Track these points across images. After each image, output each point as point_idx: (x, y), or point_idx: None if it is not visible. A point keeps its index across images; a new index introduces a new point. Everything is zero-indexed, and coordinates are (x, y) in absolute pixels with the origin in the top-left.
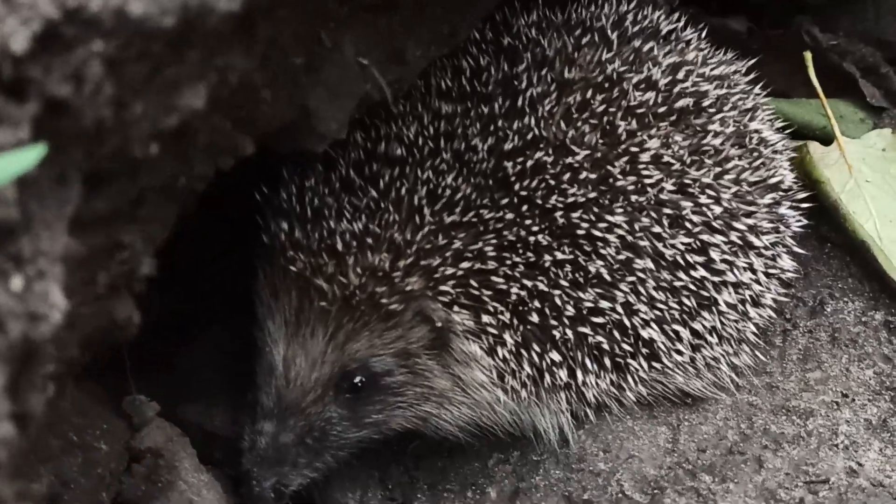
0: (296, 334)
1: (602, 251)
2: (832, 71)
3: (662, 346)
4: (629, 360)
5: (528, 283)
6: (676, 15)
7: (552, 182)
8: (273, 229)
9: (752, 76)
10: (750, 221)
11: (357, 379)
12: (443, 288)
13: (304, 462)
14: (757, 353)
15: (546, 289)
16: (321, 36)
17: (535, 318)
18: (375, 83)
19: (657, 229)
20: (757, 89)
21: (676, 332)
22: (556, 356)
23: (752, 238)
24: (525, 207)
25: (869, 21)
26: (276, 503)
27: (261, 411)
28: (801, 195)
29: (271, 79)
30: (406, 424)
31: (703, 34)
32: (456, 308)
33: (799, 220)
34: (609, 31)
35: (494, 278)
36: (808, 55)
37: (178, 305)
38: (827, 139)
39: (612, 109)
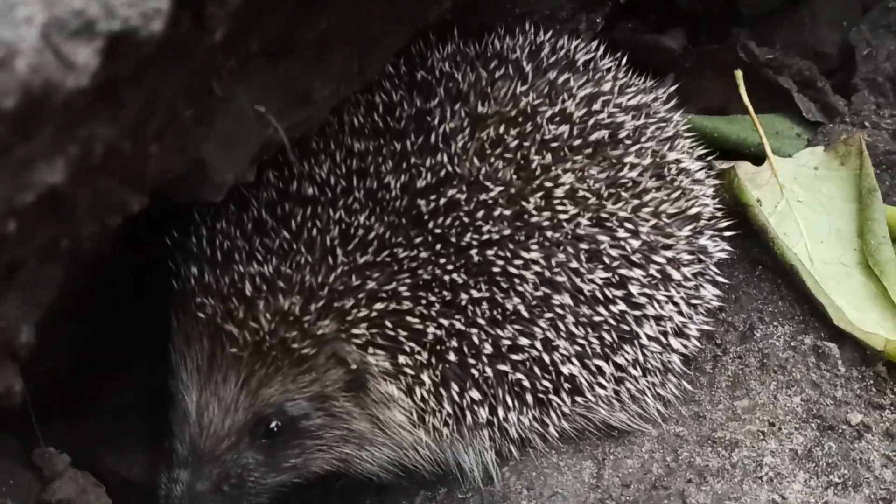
0: (208, 381)
1: (519, 288)
2: (768, 86)
3: (585, 381)
4: (551, 396)
5: (445, 322)
6: (595, 44)
7: (466, 219)
8: (184, 274)
9: (672, 103)
10: (669, 254)
11: (273, 424)
12: (356, 331)
13: None
14: (684, 382)
15: (463, 327)
16: (212, 87)
17: (452, 356)
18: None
19: (574, 264)
20: (678, 116)
21: (598, 367)
22: (476, 394)
23: (671, 270)
24: (440, 245)
25: (806, 33)
26: None
27: (176, 459)
28: (724, 223)
29: (156, 134)
30: (326, 467)
31: (625, 60)
32: (371, 349)
33: (722, 249)
34: (524, 63)
35: (410, 318)
36: (739, 74)
37: (98, 341)
38: (761, 157)
39: (526, 144)
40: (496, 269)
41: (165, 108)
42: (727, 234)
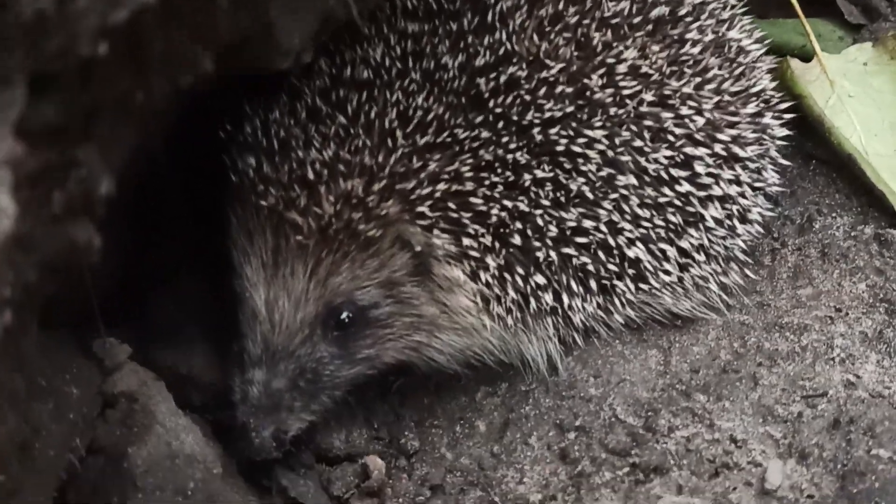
0: (275, 275)
1: (583, 168)
2: None
3: (649, 266)
4: (616, 282)
5: (509, 204)
6: None
7: (527, 98)
8: (240, 166)
9: None
10: (733, 132)
11: (344, 315)
12: (420, 210)
13: (299, 406)
14: (746, 271)
15: (527, 209)
16: None
17: (517, 240)
18: None
19: (638, 143)
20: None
21: (663, 251)
22: (540, 279)
23: (736, 149)
24: (501, 125)
25: None
26: (278, 451)
27: (248, 360)
28: (784, 105)
29: None
30: (399, 356)
31: None
32: (436, 232)
33: (783, 130)
34: None
35: (473, 200)
36: None
37: (150, 247)
38: (805, 58)
39: (585, 21)
40: (559, 149)
41: None
42: (787, 116)
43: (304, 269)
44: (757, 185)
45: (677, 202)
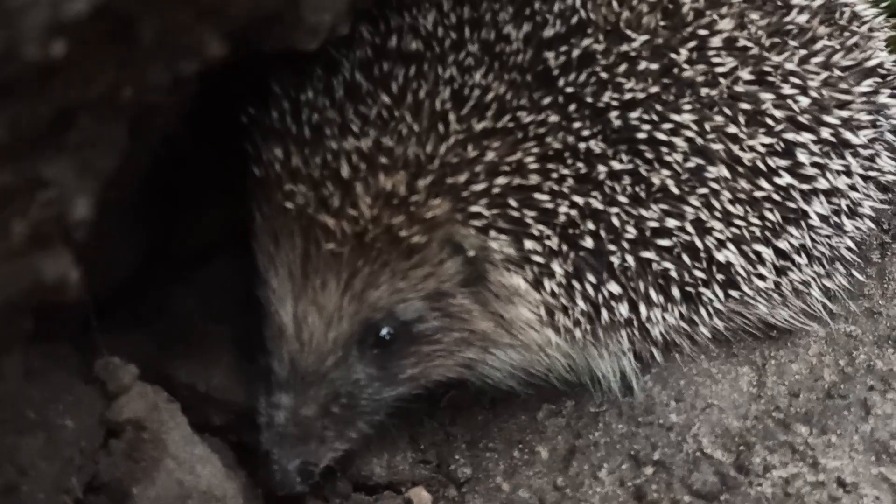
0: (304, 287)
1: (667, 158)
2: None
3: (741, 271)
4: (702, 289)
5: (580, 200)
6: None
7: (604, 75)
8: (265, 158)
9: None
10: (844, 114)
11: (384, 331)
12: (474, 210)
13: (332, 435)
14: (853, 272)
15: (601, 206)
16: None
17: (588, 242)
18: None
19: (732, 129)
20: None
21: (758, 254)
22: (614, 287)
23: (847, 134)
24: (572, 108)
25: None
26: (304, 485)
27: (275, 381)
28: None
29: None
30: (449, 374)
31: None
32: (492, 233)
33: None
34: None
35: (538, 196)
36: None
37: (170, 239)
38: None
39: None
40: (640, 136)
41: None
42: None
43: (338, 280)
44: (870, 174)
45: (776, 197)
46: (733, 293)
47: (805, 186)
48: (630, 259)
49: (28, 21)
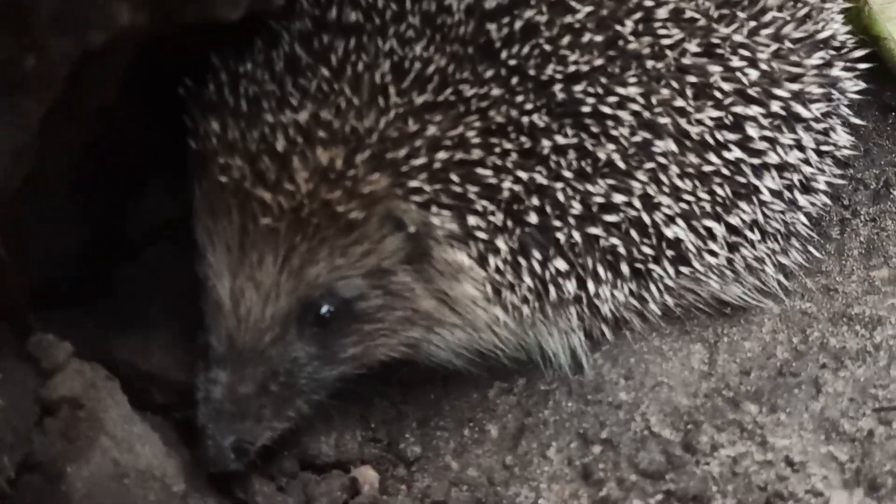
0: (241, 263)
1: (613, 132)
2: None
3: (692, 247)
4: (651, 266)
5: (524, 176)
6: None
7: (548, 48)
8: (203, 130)
9: None
10: (795, 87)
11: (324, 309)
12: (415, 185)
13: (269, 413)
14: (810, 248)
15: (546, 182)
16: None
17: (533, 218)
18: None
19: (680, 102)
20: None
21: (708, 229)
22: (561, 264)
23: (798, 108)
24: (515, 80)
25: None
26: (238, 463)
27: (213, 356)
28: (858, 53)
29: None
30: (392, 354)
31: None
32: (434, 209)
33: (856, 84)
34: None
35: (481, 170)
36: None
37: (114, 220)
38: None
39: None
40: (585, 110)
41: None
42: (861, 66)
43: (275, 256)
44: (823, 148)
45: (725, 171)
46: (684, 270)
47: (755, 161)
48: (576, 235)
49: None
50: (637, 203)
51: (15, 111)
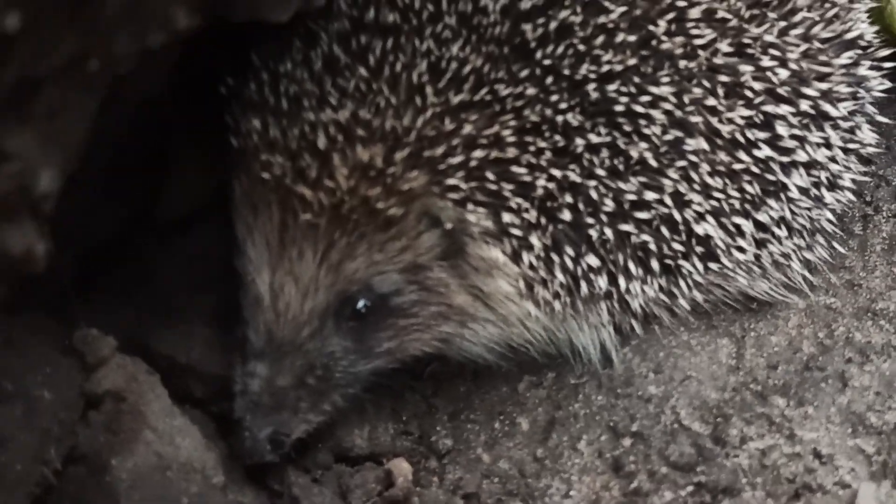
0: (281, 258)
1: (645, 131)
2: None
3: (721, 244)
4: (681, 262)
5: (557, 174)
6: None
7: (582, 48)
8: (244, 128)
9: None
10: (824, 86)
11: (361, 304)
12: (451, 182)
13: (306, 406)
14: (834, 244)
15: (579, 179)
16: None
17: (566, 215)
18: None
19: (711, 101)
20: None
21: (737, 226)
22: (593, 260)
23: (826, 107)
24: (550, 80)
25: None
26: (274, 455)
27: (251, 350)
28: (884, 52)
29: None
30: (425, 349)
31: None
32: (470, 206)
33: (881, 83)
34: None
35: (516, 168)
36: None
37: (152, 208)
38: None
39: None
40: (618, 109)
41: None
42: (886, 65)
43: (314, 251)
44: (850, 146)
45: (755, 169)
46: (713, 266)
47: (784, 159)
48: (608, 232)
49: None
50: (668, 200)
51: (79, 111)
